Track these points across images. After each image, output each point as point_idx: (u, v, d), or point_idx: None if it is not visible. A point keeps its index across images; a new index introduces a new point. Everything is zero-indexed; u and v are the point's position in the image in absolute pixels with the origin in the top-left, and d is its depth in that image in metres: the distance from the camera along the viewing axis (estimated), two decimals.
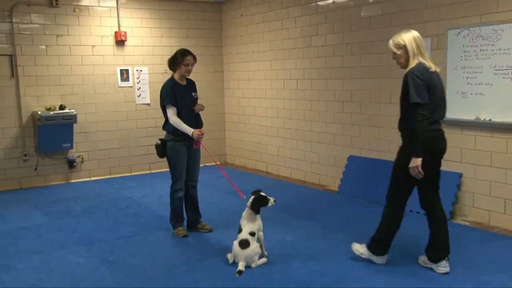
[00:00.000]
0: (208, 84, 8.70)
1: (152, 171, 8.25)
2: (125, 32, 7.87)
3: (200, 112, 4.99)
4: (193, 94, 4.98)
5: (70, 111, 7.32)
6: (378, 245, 4.00)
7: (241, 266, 3.97)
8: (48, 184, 7.48)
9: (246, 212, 4.13)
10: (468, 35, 5.08)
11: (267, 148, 8.18)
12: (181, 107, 4.80)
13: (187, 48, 5.00)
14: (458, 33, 5.16)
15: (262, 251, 4.15)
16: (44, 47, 7.35)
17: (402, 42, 3.72)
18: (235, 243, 4.07)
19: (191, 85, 5.01)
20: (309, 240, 4.71)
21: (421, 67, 3.67)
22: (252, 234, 4.06)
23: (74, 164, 7.64)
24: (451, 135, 5.41)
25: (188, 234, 4.92)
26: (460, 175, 5.32)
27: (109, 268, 4.16)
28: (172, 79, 4.89)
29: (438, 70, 3.76)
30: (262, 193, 4.16)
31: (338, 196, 6.38)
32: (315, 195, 6.49)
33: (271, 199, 4.14)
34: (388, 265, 4.06)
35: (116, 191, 6.98)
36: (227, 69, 8.95)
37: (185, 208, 5.07)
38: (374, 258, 4.04)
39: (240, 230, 4.09)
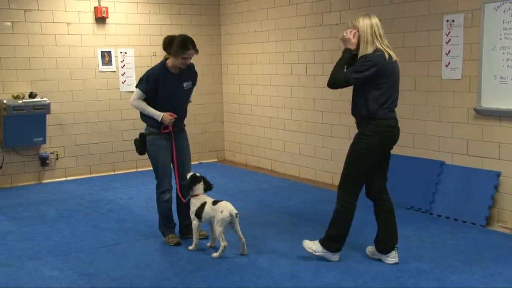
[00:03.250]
0: (203, 69, 8.65)
1: (139, 169, 8.25)
2: (106, 8, 7.84)
3: (194, 101, 4.91)
4: (185, 84, 4.85)
5: (42, 99, 7.30)
6: (333, 241, 4.35)
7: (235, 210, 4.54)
8: (16, 185, 7.46)
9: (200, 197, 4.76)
10: (509, 9, 5.04)
11: (272, 142, 8.17)
12: (165, 101, 4.73)
13: (180, 29, 4.94)
14: (497, 7, 5.12)
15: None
16: (9, 23, 7.31)
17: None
18: (223, 204, 4.60)
19: (186, 72, 4.83)
20: None
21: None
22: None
23: (48, 161, 7.63)
24: (487, 127, 5.38)
25: (181, 242, 4.92)
26: (498, 174, 5.29)
27: (89, 281, 4.15)
28: (163, 65, 4.77)
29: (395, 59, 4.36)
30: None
31: None
32: (328, 196, 6.42)
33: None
34: (416, 278, 4.06)
35: (97, 193, 6.98)
36: (226, 52, 8.93)
37: (177, 212, 5.08)
38: (329, 255, 4.36)
39: (203, 204, 4.68)
